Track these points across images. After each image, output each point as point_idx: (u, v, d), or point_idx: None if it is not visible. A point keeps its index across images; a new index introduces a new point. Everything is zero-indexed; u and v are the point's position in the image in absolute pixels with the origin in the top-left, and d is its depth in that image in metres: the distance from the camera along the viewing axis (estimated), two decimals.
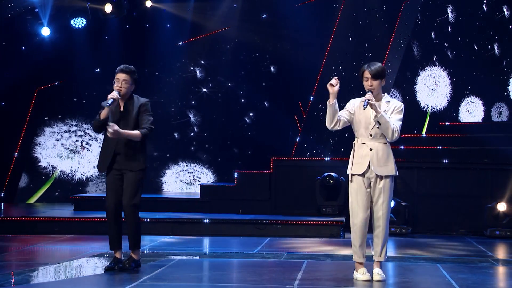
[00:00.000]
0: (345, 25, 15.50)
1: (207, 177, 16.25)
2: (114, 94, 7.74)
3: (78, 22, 14.95)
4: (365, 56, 15.57)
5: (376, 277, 7.35)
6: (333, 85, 7.23)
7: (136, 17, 15.93)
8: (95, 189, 15.95)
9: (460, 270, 8.25)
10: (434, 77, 17.93)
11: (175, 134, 16.30)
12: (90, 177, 15.99)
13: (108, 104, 7.66)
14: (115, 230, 7.77)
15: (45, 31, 14.64)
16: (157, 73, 16.19)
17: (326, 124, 7.35)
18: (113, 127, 7.53)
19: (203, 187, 13.53)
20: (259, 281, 7.41)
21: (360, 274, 7.38)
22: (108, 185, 7.81)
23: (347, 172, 7.43)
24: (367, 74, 7.28)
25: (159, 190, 16.08)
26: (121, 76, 7.87)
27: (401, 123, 7.28)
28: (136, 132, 7.71)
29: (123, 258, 7.84)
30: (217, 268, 8.24)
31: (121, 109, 7.85)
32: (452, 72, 17.98)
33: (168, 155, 16.24)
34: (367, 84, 7.29)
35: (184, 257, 9.07)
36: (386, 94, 7.42)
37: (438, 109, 18.01)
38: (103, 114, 7.71)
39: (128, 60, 15.72)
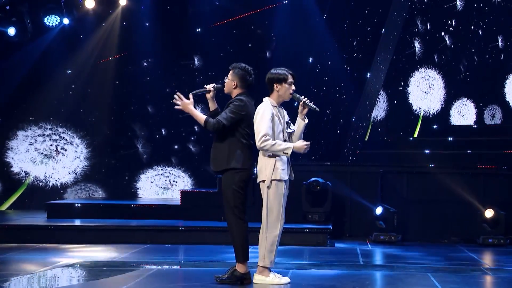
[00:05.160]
0: (335, 16, 15.50)
1: (183, 181, 16.21)
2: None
3: (52, 20, 14.88)
4: (354, 49, 15.57)
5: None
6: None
7: (113, 15, 15.87)
8: (73, 196, 15.86)
9: (451, 280, 8.28)
10: (427, 79, 17.98)
11: (157, 135, 16.24)
12: (65, 183, 15.89)
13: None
14: None
15: (11, 31, 14.57)
16: (136, 73, 16.14)
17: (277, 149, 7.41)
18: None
19: (183, 193, 13.50)
20: None
21: (278, 278, 7.60)
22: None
23: (272, 178, 7.48)
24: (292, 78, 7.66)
25: (134, 196, 16.02)
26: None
27: None
28: (203, 116, 7.58)
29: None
30: (198, 278, 8.21)
31: None
32: (445, 71, 18.02)
33: (144, 156, 16.18)
34: (291, 87, 7.63)
35: (163, 267, 9.05)
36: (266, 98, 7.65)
37: (431, 114, 18.06)
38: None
39: (106, 59, 15.83)
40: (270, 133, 7.39)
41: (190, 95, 7.66)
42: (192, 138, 16.17)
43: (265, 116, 7.41)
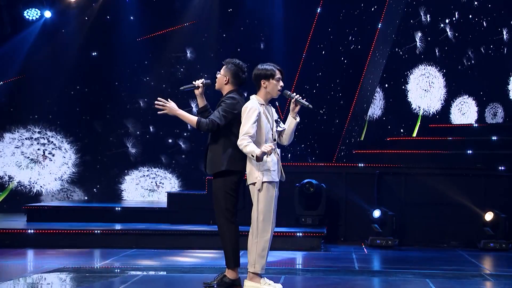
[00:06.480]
0: (330, 5, 15.47)
1: (170, 182, 16.17)
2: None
3: (32, 14, 14.83)
4: (350, 41, 15.55)
5: None
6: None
7: (96, 9, 15.83)
8: (50, 197, 15.78)
9: (451, 286, 8.28)
10: (428, 77, 18.01)
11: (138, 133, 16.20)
12: (50, 190, 15.78)
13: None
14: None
15: None
16: (122, 69, 16.10)
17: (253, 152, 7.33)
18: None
19: (170, 195, 13.48)
20: None
21: (269, 284, 7.53)
22: None
23: (263, 180, 7.41)
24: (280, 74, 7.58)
25: (118, 198, 15.96)
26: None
27: None
28: (193, 118, 7.51)
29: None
30: (186, 285, 8.20)
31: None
32: (446, 67, 18.04)
33: (133, 151, 16.12)
34: (279, 83, 7.58)
35: (149, 273, 9.02)
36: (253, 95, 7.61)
37: (431, 112, 18.09)
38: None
39: (89, 55, 15.80)
40: (251, 133, 7.34)
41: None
42: (184, 134, 16.13)
43: (250, 115, 7.37)
